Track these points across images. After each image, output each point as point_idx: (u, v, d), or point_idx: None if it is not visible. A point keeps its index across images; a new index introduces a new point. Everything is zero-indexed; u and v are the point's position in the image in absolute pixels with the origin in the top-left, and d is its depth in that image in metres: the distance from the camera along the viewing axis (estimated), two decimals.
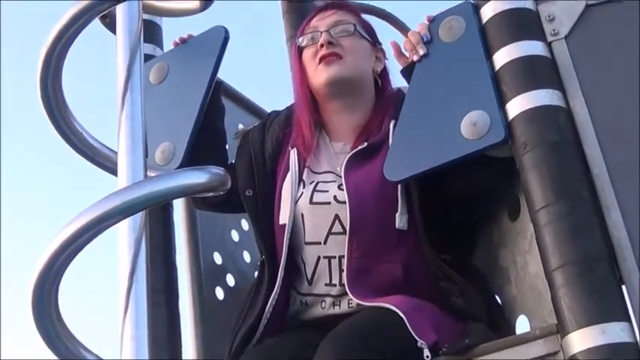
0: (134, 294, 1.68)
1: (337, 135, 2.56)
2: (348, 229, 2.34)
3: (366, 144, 2.46)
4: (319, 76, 2.52)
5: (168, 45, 2.84)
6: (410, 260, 2.34)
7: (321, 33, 2.56)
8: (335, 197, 2.40)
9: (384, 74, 2.63)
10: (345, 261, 2.34)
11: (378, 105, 2.56)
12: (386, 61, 2.64)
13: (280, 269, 2.39)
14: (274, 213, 2.48)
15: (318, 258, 2.40)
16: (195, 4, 2.25)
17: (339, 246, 2.36)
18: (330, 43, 2.52)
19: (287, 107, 2.69)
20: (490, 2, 2.19)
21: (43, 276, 1.69)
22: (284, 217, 2.43)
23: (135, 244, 1.71)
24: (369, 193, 2.36)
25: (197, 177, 1.77)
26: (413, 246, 2.34)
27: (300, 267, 2.43)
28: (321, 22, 2.59)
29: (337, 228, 2.38)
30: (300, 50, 2.61)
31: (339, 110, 2.56)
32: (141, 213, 1.72)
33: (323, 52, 2.52)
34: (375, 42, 2.64)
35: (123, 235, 1.73)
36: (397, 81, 2.56)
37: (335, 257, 2.38)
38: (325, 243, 2.39)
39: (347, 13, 2.63)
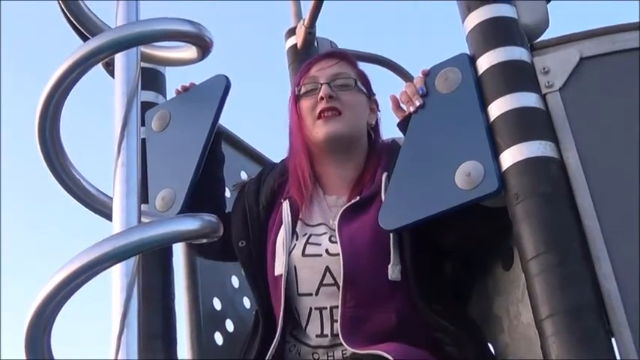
0: (125, 338, 1.70)
1: (331, 188, 2.58)
2: (341, 280, 2.35)
3: (358, 198, 2.47)
4: (318, 131, 2.53)
5: (171, 93, 2.87)
6: (403, 310, 2.35)
7: (321, 85, 2.56)
8: (327, 250, 2.42)
9: (376, 126, 2.66)
10: (337, 311, 2.35)
11: (371, 157, 2.58)
12: (379, 113, 2.66)
13: (280, 319, 2.41)
14: (267, 264, 2.50)
15: (310, 309, 2.42)
16: (194, 54, 2.28)
17: (331, 297, 2.38)
18: (330, 97, 2.52)
19: (282, 160, 2.71)
20: (486, 54, 2.20)
21: (37, 320, 1.72)
22: (279, 269, 2.45)
23: (127, 288, 1.74)
24: (362, 245, 2.38)
25: (189, 224, 1.80)
26: (406, 296, 2.35)
27: (296, 317, 2.45)
28: (321, 73, 2.60)
29: (328, 280, 2.40)
30: (297, 99, 2.62)
31: (334, 164, 2.58)
32: (133, 258, 1.75)
33: (323, 105, 2.52)
34: (370, 94, 2.66)
35: (115, 280, 1.75)
36: (391, 128, 2.58)
37: (326, 308, 2.40)
38: (317, 294, 2.41)
39: (347, 65, 2.64)
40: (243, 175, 3.07)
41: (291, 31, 3.57)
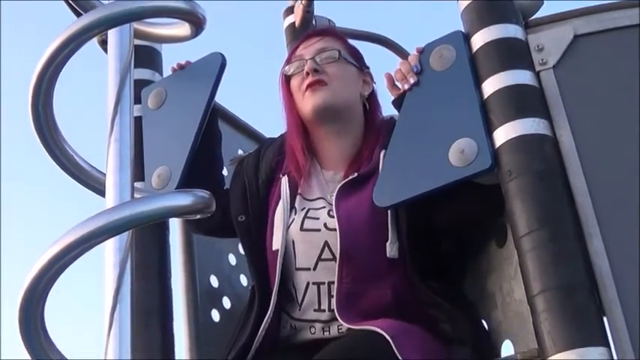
0: (118, 313, 1.71)
1: (328, 163, 2.58)
2: (338, 256, 2.36)
3: (356, 174, 2.48)
4: (306, 103, 2.55)
5: (167, 70, 2.88)
6: (399, 286, 2.37)
7: (307, 61, 2.58)
8: (325, 224, 2.43)
9: (372, 98, 2.66)
10: (334, 287, 2.37)
11: (368, 132, 2.59)
12: (374, 85, 2.66)
13: (273, 294, 2.42)
14: (266, 239, 2.51)
15: (308, 284, 2.43)
16: (187, 31, 2.28)
17: (329, 272, 2.39)
18: (315, 71, 2.55)
19: (281, 135, 2.71)
20: (480, 31, 2.21)
21: (30, 294, 1.73)
22: (277, 243, 2.46)
23: (120, 263, 1.75)
24: (359, 222, 2.39)
25: (182, 199, 1.81)
26: (402, 273, 2.36)
27: (292, 292, 2.46)
28: (306, 50, 2.63)
29: (327, 254, 2.41)
30: (287, 79, 2.64)
31: (329, 136, 2.58)
32: (126, 233, 1.76)
33: (309, 80, 2.54)
34: (361, 66, 2.67)
35: (108, 255, 1.76)
36: (388, 106, 2.58)
37: (324, 283, 2.41)
38: (315, 269, 2.42)
39: (332, 39, 2.66)
40: (240, 153, 3.07)
41: (290, 10, 3.56)
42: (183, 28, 2.29)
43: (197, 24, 2.12)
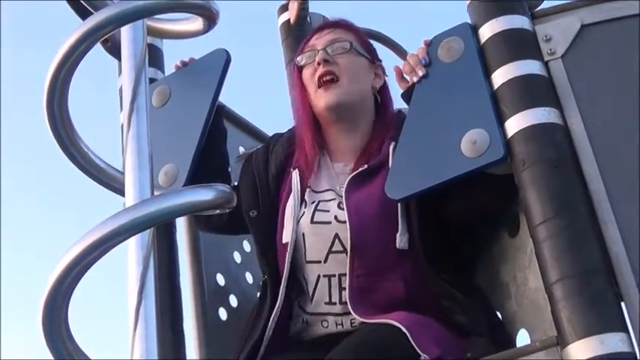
0: (143, 310, 1.71)
1: (338, 156, 2.59)
2: (349, 248, 2.37)
3: (366, 166, 2.49)
4: (319, 101, 2.56)
5: (169, 68, 2.87)
6: (411, 278, 2.37)
7: (319, 51, 2.59)
8: (335, 217, 2.43)
9: (384, 91, 2.66)
10: (345, 279, 2.37)
11: (378, 125, 2.59)
12: (386, 78, 2.67)
13: (282, 286, 2.42)
14: (277, 233, 2.51)
15: (319, 277, 2.43)
16: (199, 26, 2.28)
17: (339, 265, 2.39)
18: (326, 61, 2.56)
19: (289, 129, 2.72)
20: (488, 23, 2.22)
21: (54, 293, 1.72)
22: (287, 236, 2.46)
23: (143, 261, 1.74)
24: (369, 213, 2.39)
25: (204, 194, 1.81)
26: (414, 265, 2.37)
27: (303, 285, 2.46)
28: (319, 41, 2.64)
29: (337, 247, 2.41)
30: (300, 69, 2.65)
31: (340, 132, 2.59)
32: (148, 230, 1.76)
33: (320, 70, 2.56)
34: (373, 58, 2.68)
35: (131, 253, 1.76)
36: (399, 100, 2.59)
37: (335, 275, 2.41)
38: (325, 262, 2.42)
39: (344, 31, 2.67)
40: (242, 151, 3.08)
41: (284, 7, 3.56)
42: (195, 23, 2.29)
43: (210, 19, 2.13)
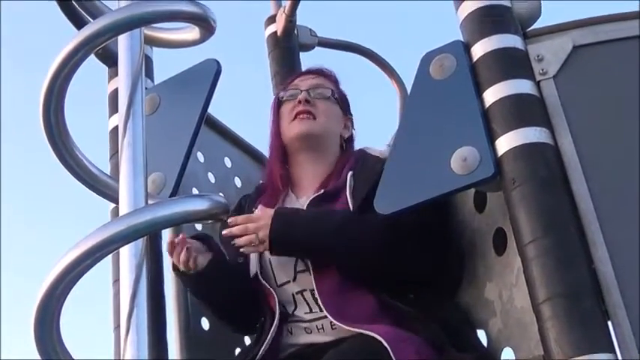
0: (135, 318, 1.71)
1: (301, 189, 2.71)
2: (311, 269, 2.46)
3: (323, 191, 2.61)
4: (292, 129, 2.73)
5: (158, 77, 2.88)
6: (381, 295, 2.42)
7: (301, 91, 2.76)
8: None
9: (349, 142, 2.83)
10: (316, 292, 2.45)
11: (341, 161, 2.73)
12: (353, 131, 2.85)
13: (274, 326, 2.47)
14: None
15: (293, 295, 2.51)
16: (196, 36, 2.28)
17: (308, 282, 2.48)
18: (307, 102, 2.75)
19: (256, 187, 2.86)
20: (481, 41, 2.23)
21: (46, 299, 1.73)
22: (252, 268, 2.59)
23: (136, 269, 1.75)
24: None
25: (199, 204, 1.82)
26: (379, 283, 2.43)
27: (284, 307, 2.53)
28: (303, 83, 2.83)
29: (301, 266, 2.50)
30: (279, 103, 2.80)
31: (305, 162, 2.74)
32: (142, 239, 1.76)
33: (299, 108, 2.73)
34: (346, 111, 2.85)
35: (124, 261, 1.76)
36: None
37: (306, 290, 2.49)
38: (295, 280, 2.51)
39: (327, 80, 2.86)
40: (227, 162, 3.09)
41: (271, 19, 3.57)
42: (192, 33, 2.30)
43: (208, 28, 2.13)
